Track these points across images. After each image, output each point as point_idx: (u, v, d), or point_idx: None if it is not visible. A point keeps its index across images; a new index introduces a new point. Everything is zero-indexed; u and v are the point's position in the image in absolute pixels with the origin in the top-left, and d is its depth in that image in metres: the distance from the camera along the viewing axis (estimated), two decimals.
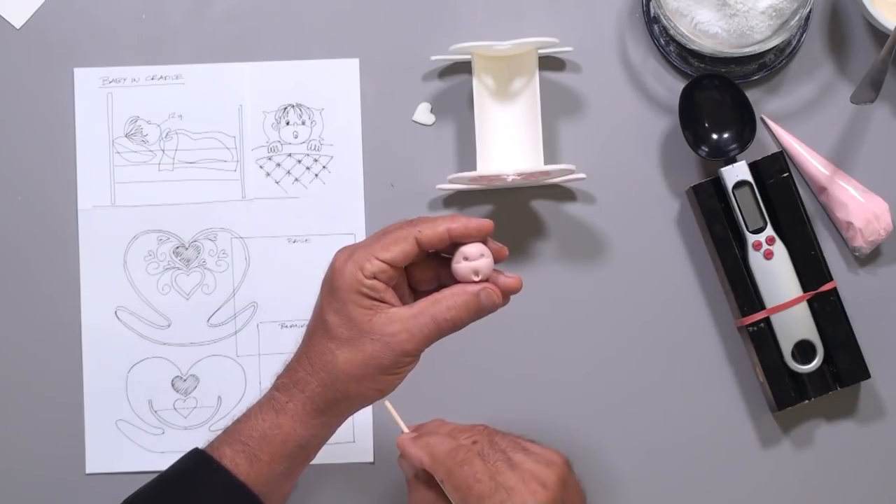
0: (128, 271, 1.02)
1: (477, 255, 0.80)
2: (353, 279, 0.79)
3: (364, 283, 0.78)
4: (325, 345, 0.80)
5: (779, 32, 0.99)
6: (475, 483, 0.77)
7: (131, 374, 1.02)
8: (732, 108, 1.01)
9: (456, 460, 0.77)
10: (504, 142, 1.02)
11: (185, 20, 1.03)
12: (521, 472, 0.78)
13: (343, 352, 0.79)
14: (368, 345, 0.79)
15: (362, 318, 0.79)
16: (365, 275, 0.78)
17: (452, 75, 1.04)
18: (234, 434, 0.82)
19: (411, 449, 0.80)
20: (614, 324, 1.02)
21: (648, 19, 1.03)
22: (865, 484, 1.02)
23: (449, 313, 0.79)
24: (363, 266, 0.78)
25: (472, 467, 0.77)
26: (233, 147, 1.03)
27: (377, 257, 0.79)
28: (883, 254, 1.03)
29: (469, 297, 0.79)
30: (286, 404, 0.81)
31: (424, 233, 0.79)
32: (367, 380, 0.79)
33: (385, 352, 0.79)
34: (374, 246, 0.79)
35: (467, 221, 0.80)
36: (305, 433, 0.81)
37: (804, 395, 1.00)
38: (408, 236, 0.79)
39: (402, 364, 0.79)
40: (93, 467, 1.01)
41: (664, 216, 1.03)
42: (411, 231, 0.79)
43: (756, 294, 0.99)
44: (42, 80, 1.03)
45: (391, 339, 0.79)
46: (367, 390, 0.80)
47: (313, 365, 0.80)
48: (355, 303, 0.79)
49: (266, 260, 1.03)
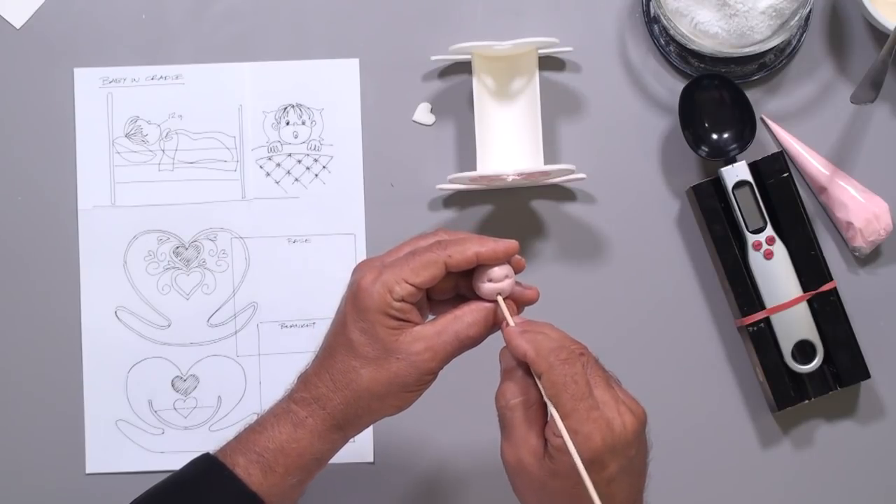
0: (128, 271, 1.02)
1: (501, 277, 0.81)
2: (381, 301, 0.79)
3: (393, 306, 0.79)
4: (348, 362, 0.80)
5: (779, 32, 0.99)
6: (572, 383, 0.76)
7: (131, 374, 1.02)
8: (732, 108, 1.01)
9: (559, 358, 0.77)
10: (504, 142, 1.02)
11: (185, 20, 1.03)
12: (615, 395, 0.78)
13: (368, 370, 0.80)
14: (394, 364, 0.79)
15: (388, 338, 0.79)
16: (394, 297, 0.79)
17: (452, 75, 1.04)
18: (249, 444, 0.82)
19: (517, 340, 0.79)
20: (614, 324, 1.02)
21: (648, 19, 1.03)
22: (865, 484, 1.02)
23: (470, 330, 0.80)
24: (392, 289, 0.79)
25: (572, 367, 0.77)
26: (233, 147, 1.03)
27: (407, 281, 0.79)
28: (883, 254, 1.03)
29: (488, 313, 0.81)
30: (305, 419, 0.81)
31: (454, 258, 0.80)
32: (390, 397, 0.80)
33: (410, 370, 0.79)
34: (404, 269, 0.79)
35: (495, 245, 0.80)
36: (323, 447, 0.81)
37: (804, 395, 1.00)
38: (437, 261, 0.79)
39: (424, 381, 0.81)
40: (93, 467, 1.01)
41: (664, 216, 1.03)
42: (441, 255, 0.80)
43: (756, 294, 0.99)
44: (42, 80, 1.03)
45: (416, 357, 0.79)
46: (388, 407, 0.81)
47: (335, 382, 0.81)
48: (382, 324, 0.79)
49: (266, 260, 1.03)
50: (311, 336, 1.01)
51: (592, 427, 0.75)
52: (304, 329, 1.02)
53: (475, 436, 1.01)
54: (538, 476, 0.77)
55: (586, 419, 0.76)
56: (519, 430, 0.79)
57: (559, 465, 0.76)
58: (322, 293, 1.02)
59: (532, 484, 0.78)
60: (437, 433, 1.01)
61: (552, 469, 0.77)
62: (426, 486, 1.02)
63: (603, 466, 0.75)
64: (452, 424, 1.01)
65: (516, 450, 0.78)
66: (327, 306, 1.01)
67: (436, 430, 1.02)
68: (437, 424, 1.02)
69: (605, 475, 0.76)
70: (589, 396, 0.76)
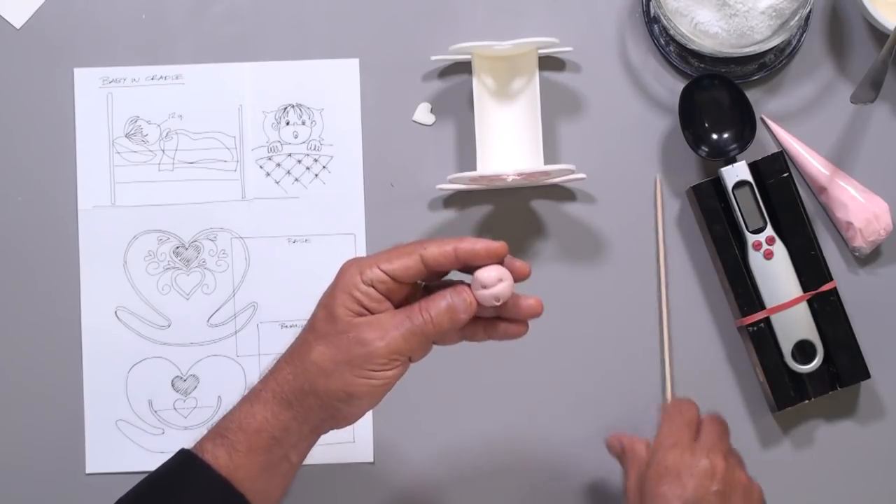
0: (128, 271, 1.02)
1: (494, 281, 0.79)
2: (350, 281, 0.80)
3: (358, 287, 0.80)
4: (304, 336, 0.82)
5: (779, 32, 0.99)
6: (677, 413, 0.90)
7: (131, 374, 1.02)
8: (732, 108, 1.01)
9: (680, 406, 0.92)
10: (504, 142, 1.02)
11: (185, 20, 1.03)
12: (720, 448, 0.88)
13: (318, 344, 0.80)
14: (343, 342, 0.79)
15: (345, 318, 0.80)
16: (363, 279, 0.80)
17: (452, 75, 1.04)
18: (215, 428, 0.82)
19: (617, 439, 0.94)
20: (614, 323, 1.02)
21: (648, 19, 1.03)
22: (865, 484, 1.02)
23: (424, 315, 0.80)
24: (363, 272, 0.80)
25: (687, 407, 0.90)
26: (233, 147, 1.03)
27: (379, 266, 0.80)
28: (883, 254, 1.03)
29: (441, 302, 0.80)
30: (260, 392, 0.82)
31: (429, 250, 0.80)
32: (336, 376, 0.80)
33: (356, 349, 0.79)
34: (380, 256, 0.81)
35: (475, 241, 0.80)
36: (276, 424, 0.81)
37: (804, 395, 1.00)
38: (413, 252, 0.80)
39: (372, 366, 0.79)
40: (93, 467, 1.01)
41: (664, 216, 1.03)
42: (417, 248, 0.80)
43: (756, 294, 0.99)
44: (42, 80, 1.03)
45: (365, 338, 0.79)
46: (335, 389, 0.80)
47: (291, 355, 0.82)
48: (343, 303, 0.80)
49: (266, 260, 1.03)
50: None
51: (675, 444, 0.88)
52: None
53: (475, 436, 1.01)
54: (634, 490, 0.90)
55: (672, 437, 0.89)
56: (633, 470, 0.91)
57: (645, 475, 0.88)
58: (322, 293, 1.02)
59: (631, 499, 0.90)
60: (437, 433, 1.01)
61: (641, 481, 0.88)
62: (426, 486, 1.02)
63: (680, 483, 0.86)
64: (453, 424, 1.01)
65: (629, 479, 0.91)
66: None
67: (436, 430, 1.02)
68: (437, 424, 1.02)
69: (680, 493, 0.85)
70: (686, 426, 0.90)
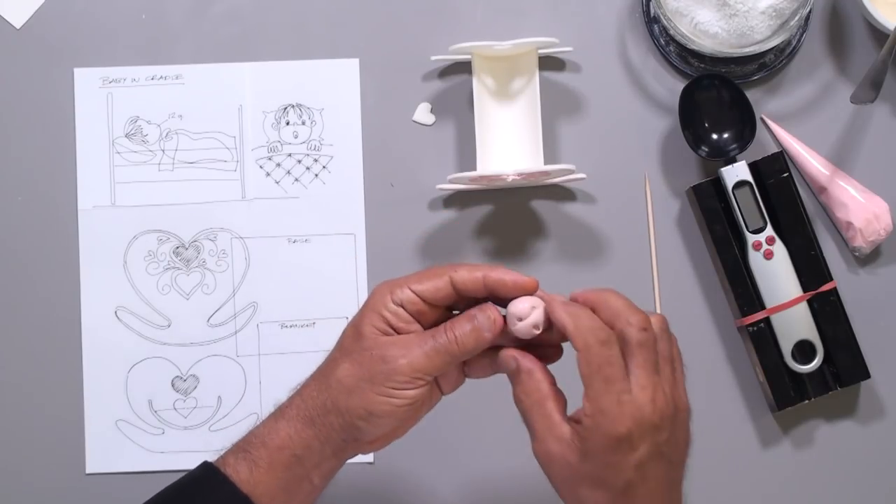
0: (128, 271, 1.02)
1: (528, 311, 0.79)
2: (379, 301, 0.80)
3: (388, 307, 0.80)
4: (333, 355, 0.82)
5: (779, 32, 0.99)
6: (606, 365, 0.77)
7: (131, 374, 1.02)
8: (732, 108, 1.01)
9: (597, 338, 0.77)
10: (504, 142, 1.02)
11: (185, 20, 1.03)
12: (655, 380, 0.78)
13: (343, 361, 0.80)
14: (367, 358, 0.79)
15: (371, 336, 0.80)
16: (392, 299, 0.80)
17: (452, 75, 1.04)
18: (240, 442, 0.82)
19: (559, 312, 0.79)
20: None
21: (648, 19, 1.03)
22: (865, 484, 1.02)
23: (448, 335, 0.80)
24: (394, 291, 0.80)
25: (609, 350, 0.77)
26: (233, 147, 1.03)
27: (409, 286, 0.80)
28: (883, 254, 1.03)
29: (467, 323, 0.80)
30: (286, 409, 0.81)
31: (460, 273, 0.80)
32: (357, 393, 0.79)
33: (379, 366, 0.79)
34: (411, 277, 0.81)
35: (505, 272, 0.80)
36: (299, 441, 0.81)
37: (804, 395, 1.00)
38: (443, 274, 0.80)
39: (393, 383, 0.79)
40: (93, 467, 1.01)
41: (664, 216, 1.03)
42: (448, 270, 0.81)
43: (756, 294, 0.99)
44: (42, 80, 1.03)
45: (389, 356, 0.79)
46: (356, 406, 0.80)
47: (318, 373, 0.82)
48: (371, 322, 0.80)
49: (266, 260, 1.03)
50: (311, 336, 1.02)
51: (620, 408, 0.76)
52: (304, 329, 1.02)
53: (476, 435, 1.02)
54: (569, 460, 0.78)
55: (616, 401, 0.76)
56: (540, 424, 0.79)
57: (590, 445, 0.77)
58: (322, 293, 1.02)
59: (563, 471, 0.79)
60: (437, 433, 1.01)
61: (582, 450, 0.77)
62: (426, 486, 1.02)
63: (632, 447, 0.76)
64: (453, 424, 1.01)
65: (543, 443, 0.79)
66: (327, 306, 1.02)
67: (436, 431, 1.02)
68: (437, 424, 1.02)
69: (634, 458, 0.77)
70: (622, 379, 0.77)
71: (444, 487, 1.02)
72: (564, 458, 0.78)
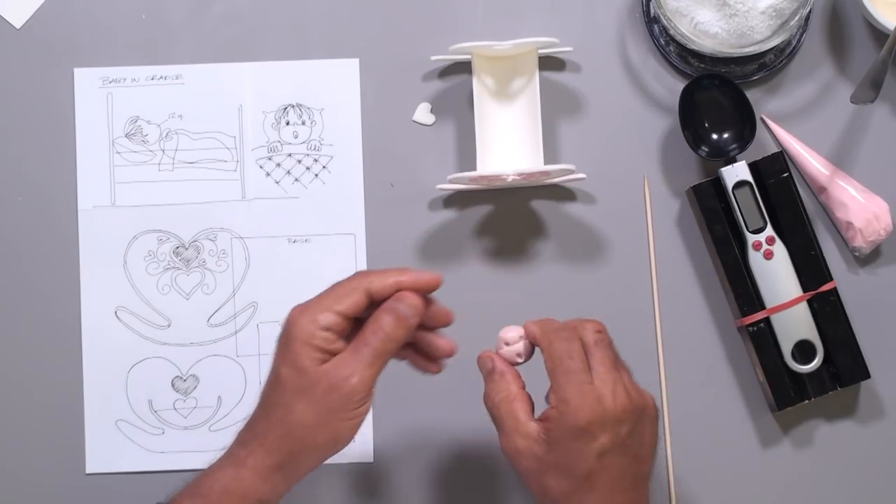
0: (128, 271, 1.02)
1: (517, 339, 0.88)
2: (306, 331, 0.81)
3: (317, 336, 0.81)
4: (280, 398, 0.82)
5: (779, 32, 0.99)
6: (567, 357, 0.83)
7: (131, 374, 1.02)
8: (732, 108, 1.01)
9: (559, 336, 0.84)
10: (504, 142, 1.02)
11: (185, 20, 1.04)
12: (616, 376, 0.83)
13: (297, 402, 0.81)
14: (320, 392, 0.81)
15: (313, 368, 0.81)
16: (319, 326, 0.81)
17: (452, 75, 1.04)
18: (194, 487, 0.83)
19: (530, 325, 0.87)
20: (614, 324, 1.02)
21: (648, 19, 1.03)
22: (865, 484, 1.02)
23: (378, 335, 0.82)
24: (317, 318, 0.82)
25: (570, 344, 0.84)
26: (233, 147, 1.03)
27: (331, 309, 0.82)
28: (883, 254, 1.03)
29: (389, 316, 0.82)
30: (246, 459, 0.82)
31: (375, 284, 0.83)
32: (323, 427, 0.81)
33: (334, 395, 0.81)
34: (328, 298, 0.83)
35: (417, 274, 0.84)
36: (266, 487, 0.82)
37: (804, 395, 1.00)
38: (357, 287, 0.83)
39: (353, 404, 0.81)
40: (93, 467, 1.01)
41: (664, 216, 1.03)
42: (361, 283, 0.83)
43: (756, 294, 0.99)
44: (42, 80, 1.03)
45: (339, 380, 0.81)
46: (324, 440, 0.82)
47: (269, 418, 0.83)
48: (307, 355, 0.81)
49: (266, 260, 1.03)
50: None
51: (581, 399, 0.82)
52: None
53: (475, 436, 1.02)
54: (535, 453, 0.83)
55: (577, 392, 0.82)
56: (509, 421, 0.84)
57: (554, 434, 0.82)
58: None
59: (530, 463, 0.83)
60: (437, 433, 1.02)
61: (548, 442, 0.82)
62: (426, 486, 1.02)
63: (593, 437, 0.81)
64: (453, 424, 1.01)
65: (510, 439, 0.84)
66: None
67: (436, 430, 1.02)
68: (436, 424, 1.02)
69: (595, 447, 0.81)
70: (583, 371, 0.83)
71: (443, 487, 1.02)
72: (531, 451, 0.83)
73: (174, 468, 1.01)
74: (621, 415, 0.82)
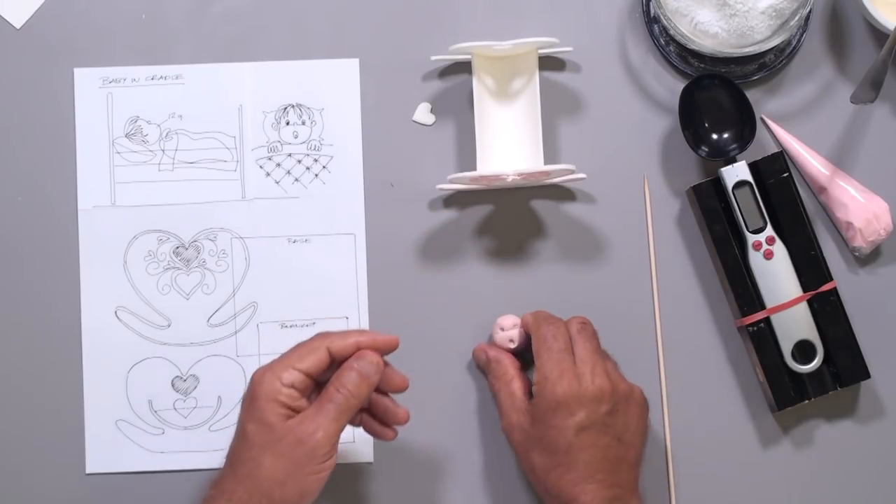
0: (128, 271, 1.02)
1: (511, 326, 0.98)
2: (271, 389, 0.86)
3: (282, 392, 0.85)
4: (246, 453, 0.85)
5: (779, 32, 0.99)
6: (552, 338, 0.93)
7: (131, 374, 1.02)
8: (732, 108, 1.01)
9: (546, 321, 0.94)
10: (504, 142, 1.02)
11: (185, 20, 1.04)
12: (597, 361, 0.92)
13: (264, 457, 0.84)
14: (286, 447, 0.84)
15: (279, 424, 0.85)
16: (283, 383, 0.86)
17: (452, 75, 1.04)
18: None
19: (527, 315, 0.96)
20: (614, 324, 1.02)
21: (648, 19, 1.03)
22: (865, 484, 1.02)
23: (342, 392, 0.86)
24: (281, 376, 0.86)
25: (556, 328, 0.93)
26: (233, 147, 1.03)
27: (294, 367, 0.86)
28: (883, 254, 1.03)
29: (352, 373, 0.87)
30: None
31: (336, 343, 0.88)
32: (290, 482, 0.84)
33: (299, 450, 0.84)
34: (291, 357, 0.87)
35: (375, 335, 0.89)
36: None
37: (804, 395, 1.00)
38: (319, 347, 0.88)
39: (318, 458, 0.85)
40: (93, 467, 1.01)
41: (664, 216, 1.03)
42: (323, 342, 0.88)
43: (756, 294, 0.99)
44: (42, 80, 1.03)
45: (305, 435, 0.84)
46: (291, 494, 0.84)
47: (237, 474, 0.85)
48: (272, 411, 0.85)
49: (266, 260, 1.03)
50: (310, 336, 1.01)
51: (560, 375, 0.90)
52: (304, 329, 1.02)
53: (475, 436, 1.01)
54: (523, 426, 0.92)
55: (557, 368, 0.90)
56: (506, 401, 0.94)
57: (537, 409, 0.91)
58: (322, 293, 1.02)
59: (519, 436, 0.93)
60: (437, 433, 1.01)
61: (533, 416, 0.91)
62: (426, 486, 1.02)
63: (570, 412, 0.89)
64: (453, 424, 1.01)
65: (506, 417, 0.94)
66: (327, 306, 1.02)
67: (436, 430, 1.02)
68: (437, 424, 1.02)
69: (573, 421, 0.89)
70: (565, 351, 0.92)
71: (443, 487, 1.02)
72: (520, 425, 0.92)
73: (174, 468, 1.01)
74: (598, 393, 0.89)
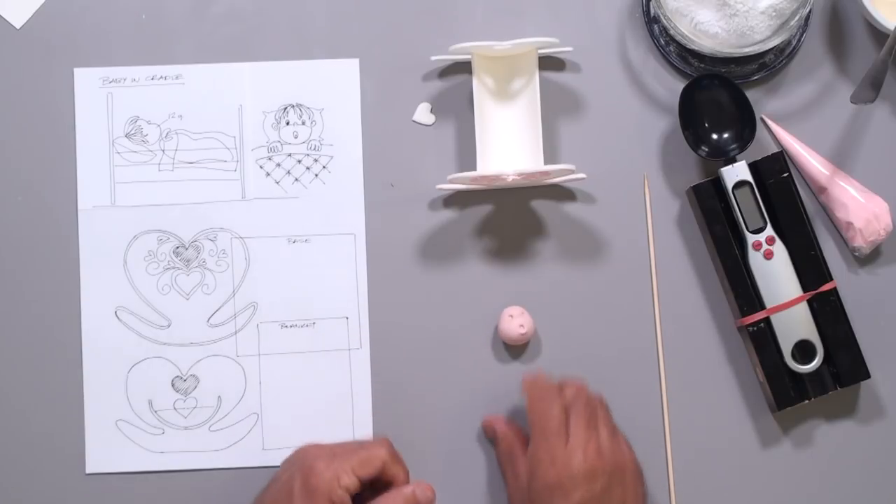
0: (128, 271, 1.02)
1: (520, 313, 0.99)
2: (329, 487, 0.89)
3: (337, 493, 0.89)
4: None
5: (779, 32, 0.99)
6: (543, 419, 0.93)
7: (131, 374, 1.02)
8: (732, 108, 1.01)
9: (541, 398, 0.94)
10: (504, 142, 1.02)
11: (185, 20, 1.04)
12: (589, 434, 0.92)
13: None
14: None
15: None
16: (340, 485, 0.89)
17: (452, 75, 1.04)
18: None
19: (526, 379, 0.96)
20: (614, 324, 1.02)
21: (648, 19, 1.03)
22: (865, 484, 1.02)
23: None
24: (340, 477, 0.89)
25: (550, 406, 0.93)
26: (233, 147, 1.03)
27: (354, 472, 0.90)
28: (883, 254, 1.03)
29: (406, 499, 0.91)
30: None
31: (391, 468, 0.92)
32: None
33: None
34: (353, 460, 0.91)
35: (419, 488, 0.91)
36: None
37: (804, 395, 1.00)
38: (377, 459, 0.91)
39: None
40: (93, 467, 1.01)
41: (664, 216, 1.03)
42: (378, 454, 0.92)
43: (756, 294, 0.99)
44: (42, 80, 1.03)
45: None
46: None
47: None
48: None
49: (266, 260, 1.03)
50: (311, 336, 1.02)
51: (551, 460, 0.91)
52: (304, 329, 1.02)
53: (476, 434, 1.01)
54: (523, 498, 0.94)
55: (548, 454, 0.91)
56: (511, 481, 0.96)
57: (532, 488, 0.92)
58: (322, 293, 1.02)
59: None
60: (437, 433, 1.01)
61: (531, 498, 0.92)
62: None
63: (565, 494, 0.90)
64: (453, 423, 1.01)
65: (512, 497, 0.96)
66: (327, 306, 1.02)
67: (436, 430, 1.02)
68: (437, 424, 1.02)
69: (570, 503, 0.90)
70: (556, 434, 0.92)
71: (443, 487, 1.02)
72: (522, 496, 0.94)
73: (174, 468, 1.01)
74: (591, 472, 0.90)
